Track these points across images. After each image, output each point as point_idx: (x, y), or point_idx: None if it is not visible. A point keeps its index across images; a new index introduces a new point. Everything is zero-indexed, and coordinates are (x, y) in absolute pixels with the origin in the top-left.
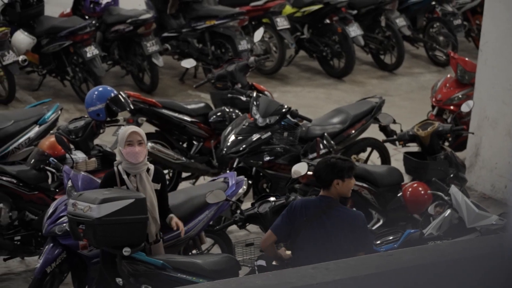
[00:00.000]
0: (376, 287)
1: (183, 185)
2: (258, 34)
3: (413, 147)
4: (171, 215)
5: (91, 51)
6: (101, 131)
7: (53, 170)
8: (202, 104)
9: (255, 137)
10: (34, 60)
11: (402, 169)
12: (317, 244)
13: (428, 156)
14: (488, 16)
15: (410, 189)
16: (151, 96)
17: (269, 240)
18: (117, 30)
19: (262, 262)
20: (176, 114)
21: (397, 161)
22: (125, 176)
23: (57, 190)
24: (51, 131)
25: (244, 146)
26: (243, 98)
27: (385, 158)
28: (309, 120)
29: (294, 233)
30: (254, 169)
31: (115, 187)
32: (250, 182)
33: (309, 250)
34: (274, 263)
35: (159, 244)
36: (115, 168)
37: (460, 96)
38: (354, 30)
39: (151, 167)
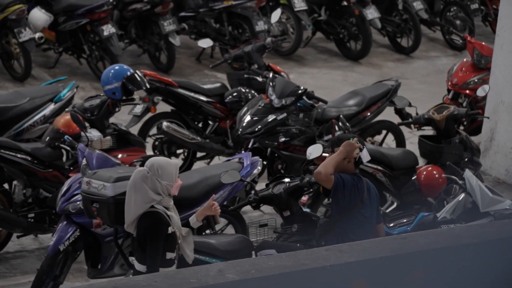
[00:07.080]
0: (390, 270)
1: (197, 165)
2: (276, 15)
3: (428, 131)
4: None
5: (108, 29)
6: (117, 109)
7: (68, 148)
8: (218, 84)
9: (270, 118)
10: (50, 38)
11: (417, 152)
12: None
13: (443, 140)
14: (505, 1)
15: (424, 173)
16: (167, 76)
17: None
18: (135, 9)
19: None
20: (192, 94)
21: (412, 144)
22: None
23: (71, 168)
24: (67, 109)
25: (259, 126)
26: (260, 79)
27: (400, 141)
28: (325, 102)
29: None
30: (269, 150)
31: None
32: (265, 162)
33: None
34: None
35: None
36: None
37: (476, 80)
38: (372, 13)
39: None
